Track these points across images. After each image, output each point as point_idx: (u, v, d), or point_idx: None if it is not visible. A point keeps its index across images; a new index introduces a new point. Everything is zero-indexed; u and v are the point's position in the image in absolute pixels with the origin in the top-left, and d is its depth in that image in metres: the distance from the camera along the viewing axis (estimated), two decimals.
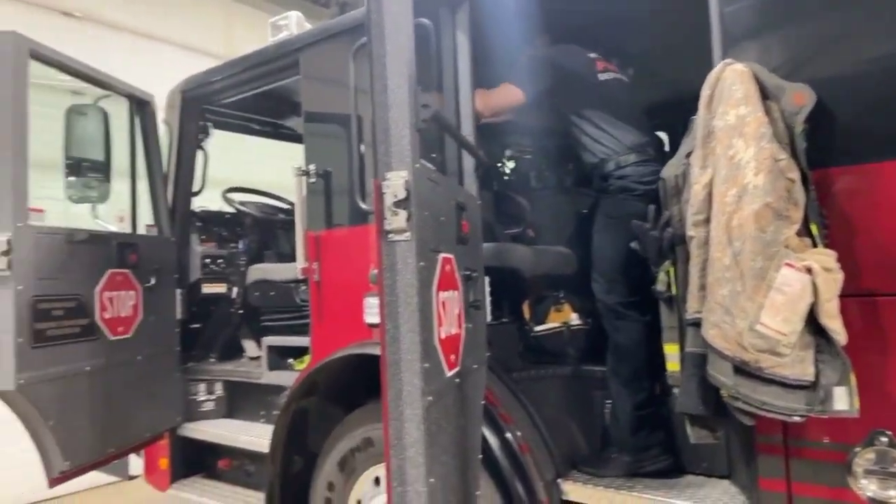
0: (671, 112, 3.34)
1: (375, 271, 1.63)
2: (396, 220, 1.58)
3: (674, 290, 1.94)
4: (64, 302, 2.88)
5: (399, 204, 1.58)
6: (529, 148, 4.09)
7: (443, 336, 1.77)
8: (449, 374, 1.82)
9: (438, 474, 1.64)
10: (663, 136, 3.73)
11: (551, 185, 4.01)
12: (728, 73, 1.82)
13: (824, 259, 1.64)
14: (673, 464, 2.47)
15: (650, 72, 3.45)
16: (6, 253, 2.58)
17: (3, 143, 2.64)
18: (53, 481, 2.79)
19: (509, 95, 2.82)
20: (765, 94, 1.79)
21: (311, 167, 3.02)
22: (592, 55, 2.91)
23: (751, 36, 1.98)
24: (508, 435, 2.39)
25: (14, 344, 2.57)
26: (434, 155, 2.57)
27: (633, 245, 2.06)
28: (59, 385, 2.80)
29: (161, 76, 4.33)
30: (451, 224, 1.95)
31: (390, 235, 1.59)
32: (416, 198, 1.59)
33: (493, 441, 2.37)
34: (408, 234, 1.58)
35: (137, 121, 3.66)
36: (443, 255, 1.83)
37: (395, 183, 1.59)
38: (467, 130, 2.55)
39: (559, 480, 2.42)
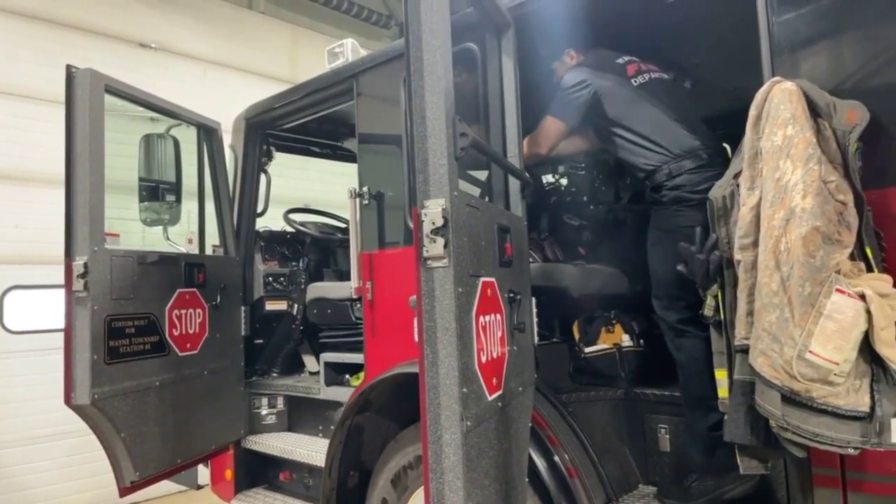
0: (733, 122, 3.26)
1: (415, 297, 1.67)
2: (434, 247, 1.62)
3: (721, 315, 1.89)
4: (136, 320, 3.06)
5: (437, 231, 1.62)
6: (582, 164, 4.07)
7: (483, 360, 1.78)
8: (491, 397, 1.83)
9: (479, 499, 1.66)
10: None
11: (607, 201, 3.97)
12: (776, 92, 1.77)
13: (880, 284, 1.57)
14: (759, 484, 2.33)
15: (709, 81, 3.37)
16: (83, 275, 2.78)
17: (83, 174, 2.85)
18: (124, 490, 2.96)
19: (552, 130, 2.79)
20: (816, 113, 1.73)
21: (365, 189, 3.11)
22: (622, 60, 2.80)
23: (802, 49, 1.91)
24: (556, 458, 2.37)
25: (90, 361, 2.75)
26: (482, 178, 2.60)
27: (680, 268, 2.02)
28: (130, 399, 2.97)
29: (230, 100, 4.57)
30: (492, 247, 1.97)
31: (429, 262, 1.63)
32: (453, 224, 1.62)
33: (540, 464, 2.36)
34: (445, 260, 1.61)
35: (205, 147, 3.87)
36: (483, 278, 1.85)
37: (433, 211, 1.63)
38: (512, 153, 2.57)
39: None
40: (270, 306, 4.11)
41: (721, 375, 1.95)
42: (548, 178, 4.37)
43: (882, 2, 1.79)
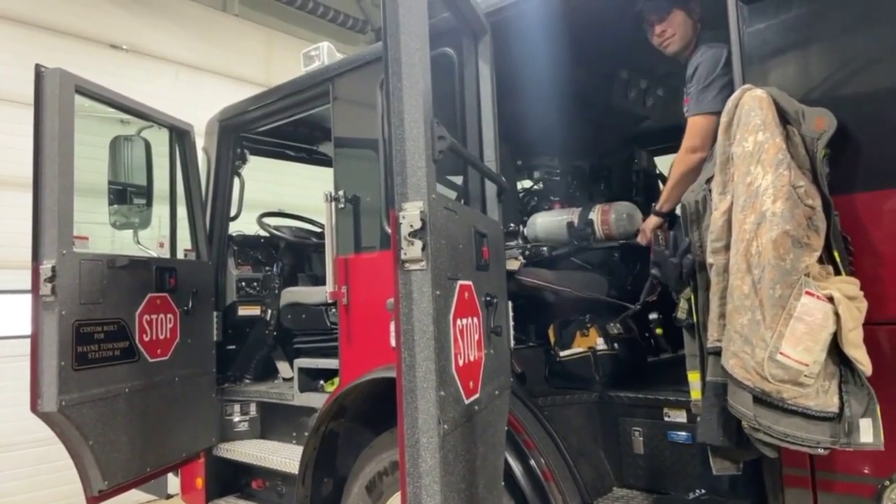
0: None
1: (392, 300, 1.66)
2: (412, 250, 1.62)
3: (694, 318, 1.91)
4: (105, 325, 3.00)
5: (415, 234, 1.62)
6: (558, 169, 4.11)
7: (461, 363, 1.78)
8: (468, 401, 1.83)
9: (455, 503, 1.65)
10: None
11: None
12: (746, 99, 1.81)
13: (847, 287, 1.61)
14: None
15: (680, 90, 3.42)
16: (50, 279, 2.71)
17: (51, 176, 2.79)
18: (92, 500, 2.89)
19: (706, 127, 2.40)
20: (785, 119, 1.78)
21: (340, 193, 3.09)
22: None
23: (772, 58, 1.96)
24: (532, 461, 2.38)
25: (57, 367, 2.69)
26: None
27: (654, 272, 2.04)
28: (99, 406, 2.91)
29: (203, 103, 4.51)
30: (470, 251, 1.98)
31: (406, 265, 1.63)
32: (431, 227, 1.62)
33: (516, 467, 2.36)
34: (423, 263, 1.61)
35: (177, 149, 3.81)
36: (461, 282, 1.85)
37: (412, 213, 1.62)
38: (489, 157, 2.58)
39: None
40: (243, 311, 4.06)
41: (694, 377, 1.97)
42: (525, 183, 4.41)
43: (848, 14, 1.84)
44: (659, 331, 2.80)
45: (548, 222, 3.13)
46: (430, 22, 1.78)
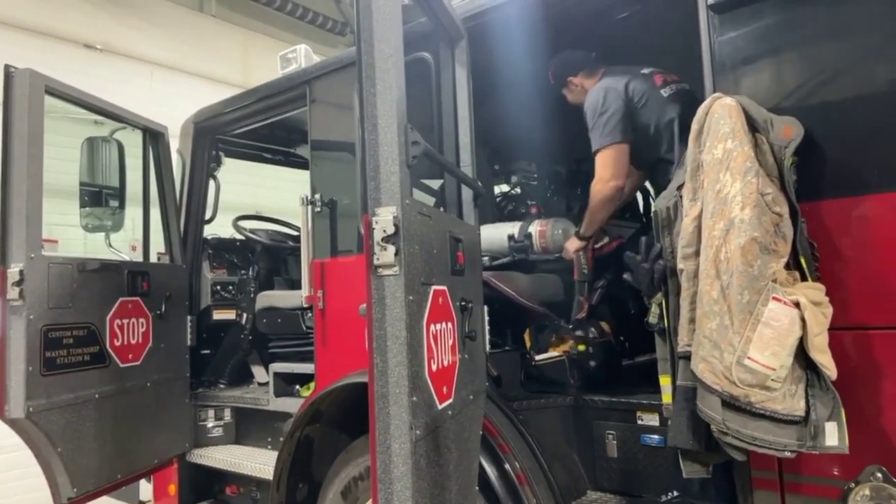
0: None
1: (365, 305, 1.66)
2: (385, 255, 1.61)
3: (666, 322, 1.94)
4: (75, 330, 2.95)
5: (388, 239, 1.61)
6: (535, 174, 4.13)
7: (434, 368, 1.78)
8: (441, 406, 1.83)
9: None
10: None
11: (558, 213, 4.03)
12: (716, 107, 1.83)
13: (813, 293, 1.64)
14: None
15: None
16: (18, 283, 2.67)
17: (19, 178, 2.74)
18: None
19: (613, 157, 2.66)
20: (754, 128, 1.81)
21: (317, 196, 3.08)
22: (646, 70, 2.79)
23: (741, 67, 1.99)
24: (507, 465, 2.38)
25: (24, 373, 2.64)
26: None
27: (626, 277, 2.06)
28: (68, 412, 2.86)
29: (179, 104, 4.47)
30: (444, 256, 1.98)
31: (379, 270, 1.62)
32: (405, 233, 1.62)
33: (490, 471, 2.36)
34: (396, 268, 1.61)
35: (151, 151, 3.77)
36: (435, 287, 1.85)
37: (384, 218, 1.62)
38: (466, 162, 2.59)
39: None
40: (218, 315, 4.02)
41: (665, 381, 1.99)
42: (502, 188, 4.43)
43: (815, 25, 1.88)
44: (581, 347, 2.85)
45: (490, 234, 3.17)
46: (406, 27, 1.78)
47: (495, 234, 3.19)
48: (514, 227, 3.16)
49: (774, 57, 1.95)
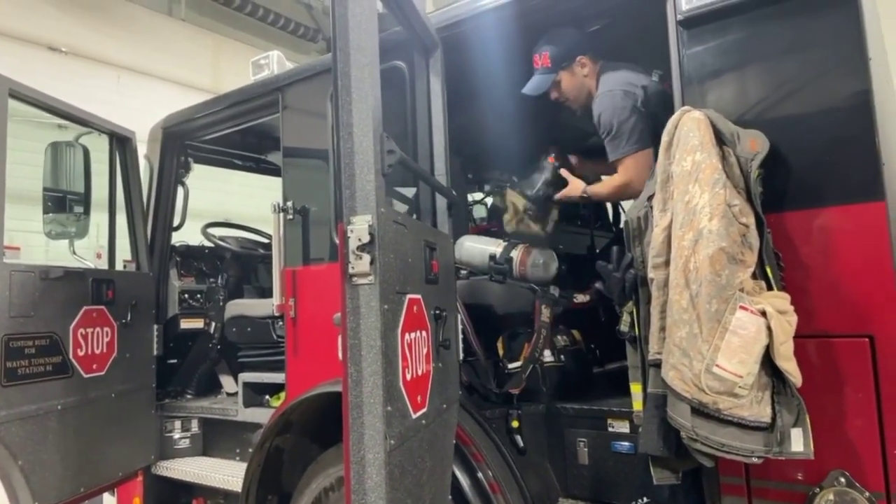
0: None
1: (339, 314, 1.65)
2: (360, 264, 1.61)
3: (637, 331, 1.97)
4: (37, 340, 2.87)
5: (363, 248, 1.61)
6: (508, 183, 4.15)
7: (408, 378, 1.78)
8: (415, 415, 1.83)
9: None
10: None
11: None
12: (685, 120, 1.87)
13: (779, 302, 1.68)
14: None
15: None
16: None
17: None
18: None
19: (641, 163, 2.52)
20: (721, 140, 1.85)
21: (289, 203, 3.05)
22: (656, 74, 2.68)
23: (709, 81, 2.04)
24: (480, 474, 2.39)
25: None
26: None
27: (598, 286, 2.09)
28: (29, 424, 2.78)
29: (147, 109, 4.40)
30: (419, 264, 1.98)
31: (354, 279, 1.62)
32: (380, 241, 1.62)
33: (463, 480, 2.37)
34: (371, 277, 1.61)
35: (118, 157, 3.70)
36: (410, 296, 1.85)
37: (360, 227, 1.62)
38: (440, 170, 2.60)
39: None
40: (186, 324, 3.95)
41: (636, 389, 2.02)
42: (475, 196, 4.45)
43: (781, 40, 1.94)
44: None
45: (473, 248, 3.14)
46: (381, 35, 1.79)
47: (478, 250, 3.16)
48: (497, 247, 3.11)
49: (740, 71, 2.01)
